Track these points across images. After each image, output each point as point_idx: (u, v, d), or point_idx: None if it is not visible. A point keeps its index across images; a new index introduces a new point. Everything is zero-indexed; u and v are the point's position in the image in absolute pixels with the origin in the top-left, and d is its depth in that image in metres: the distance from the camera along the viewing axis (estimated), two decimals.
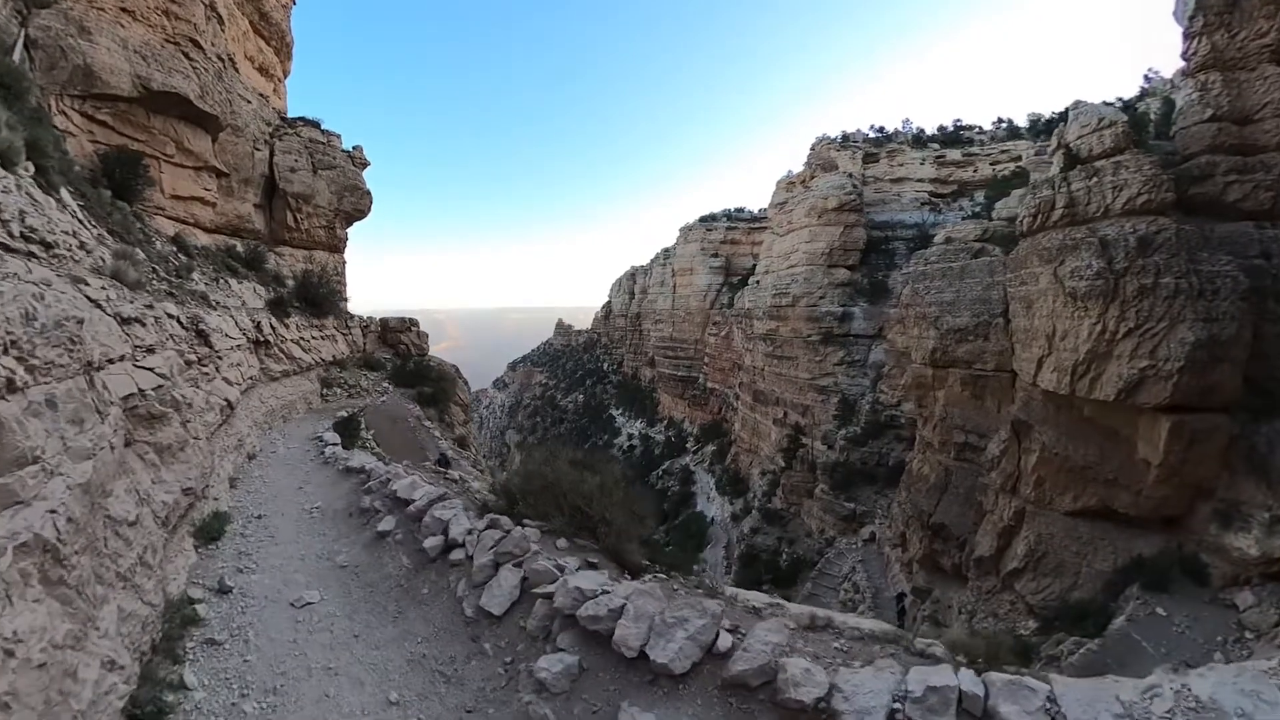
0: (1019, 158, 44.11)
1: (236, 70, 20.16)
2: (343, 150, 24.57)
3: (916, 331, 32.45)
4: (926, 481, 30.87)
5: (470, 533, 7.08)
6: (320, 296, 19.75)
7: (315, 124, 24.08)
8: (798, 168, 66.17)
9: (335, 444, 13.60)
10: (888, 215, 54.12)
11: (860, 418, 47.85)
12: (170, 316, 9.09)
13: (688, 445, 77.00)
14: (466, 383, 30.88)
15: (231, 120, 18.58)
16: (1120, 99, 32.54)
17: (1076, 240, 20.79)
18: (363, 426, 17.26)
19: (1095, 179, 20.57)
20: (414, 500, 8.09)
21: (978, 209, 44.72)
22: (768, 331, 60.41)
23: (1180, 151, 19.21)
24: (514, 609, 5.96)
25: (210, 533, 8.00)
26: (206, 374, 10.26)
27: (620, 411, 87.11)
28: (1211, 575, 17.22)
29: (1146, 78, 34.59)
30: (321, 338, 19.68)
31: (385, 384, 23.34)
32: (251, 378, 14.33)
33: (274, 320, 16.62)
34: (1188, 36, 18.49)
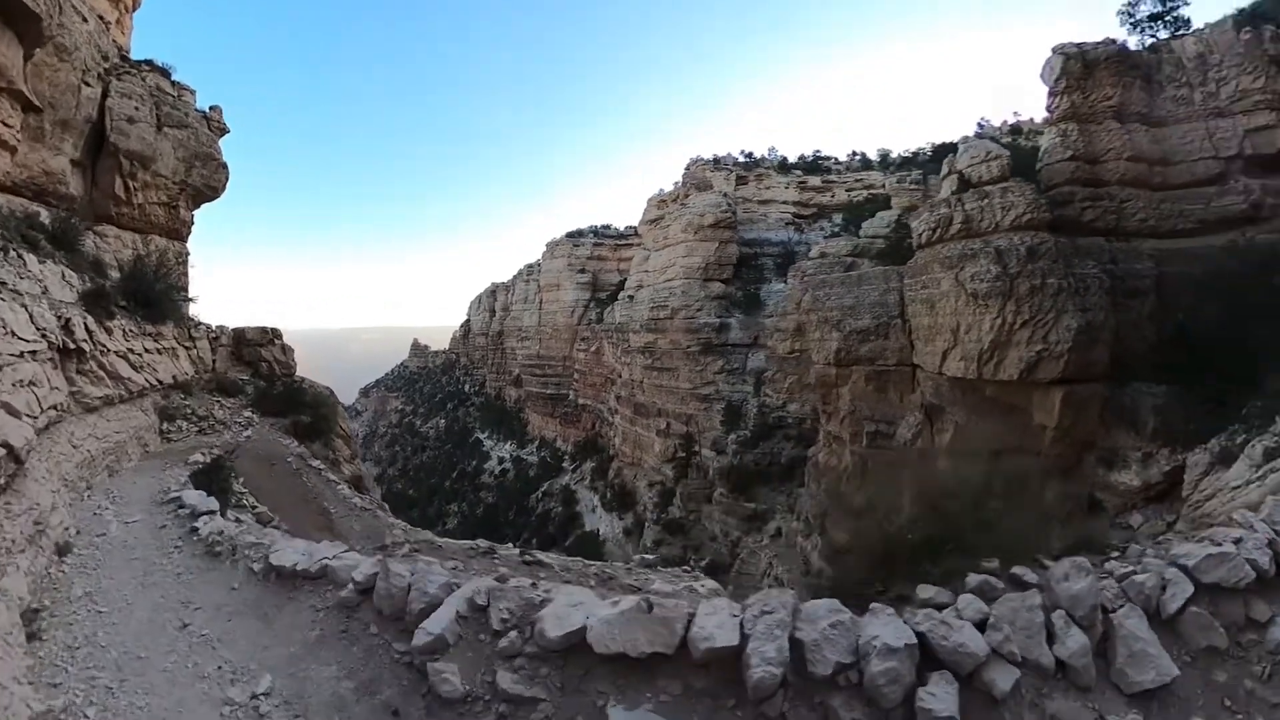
0: (871, 185, 50.60)
1: None
2: (196, 110, 17.93)
3: (819, 335, 34.37)
4: (837, 472, 32.60)
5: None
6: (157, 295, 13.58)
7: (165, 71, 17.27)
8: (664, 188, 68.22)
9: (209, 512, 8.26)
10: (755, 233, 57.93)
11: (748, 421, 49.70)
12: None
13: (564, 464, 73.52)
14: (346, 408, 24.80)
15: (58, 34, 12.05)
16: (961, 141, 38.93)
17: (975, 250, 23.50)
18: (235, 476, 11.92)
19: (986, 200, 23.51)
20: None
21: (837, 229, 49.97)
22: (646, 344, 60.47)
23: (1046, 182, 22.66)
24: None
25: None
26: None
27: (487, 434, 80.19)
28: (1107, 507, 20.17)
29: (980, 125, 42.15)
30: (158, 350, 13.48)
31: (248, 413, 17.17)
32: (57, 406, 8.72)
33: (91, 321, 10.75)
34: (1052, 94, 22.19)
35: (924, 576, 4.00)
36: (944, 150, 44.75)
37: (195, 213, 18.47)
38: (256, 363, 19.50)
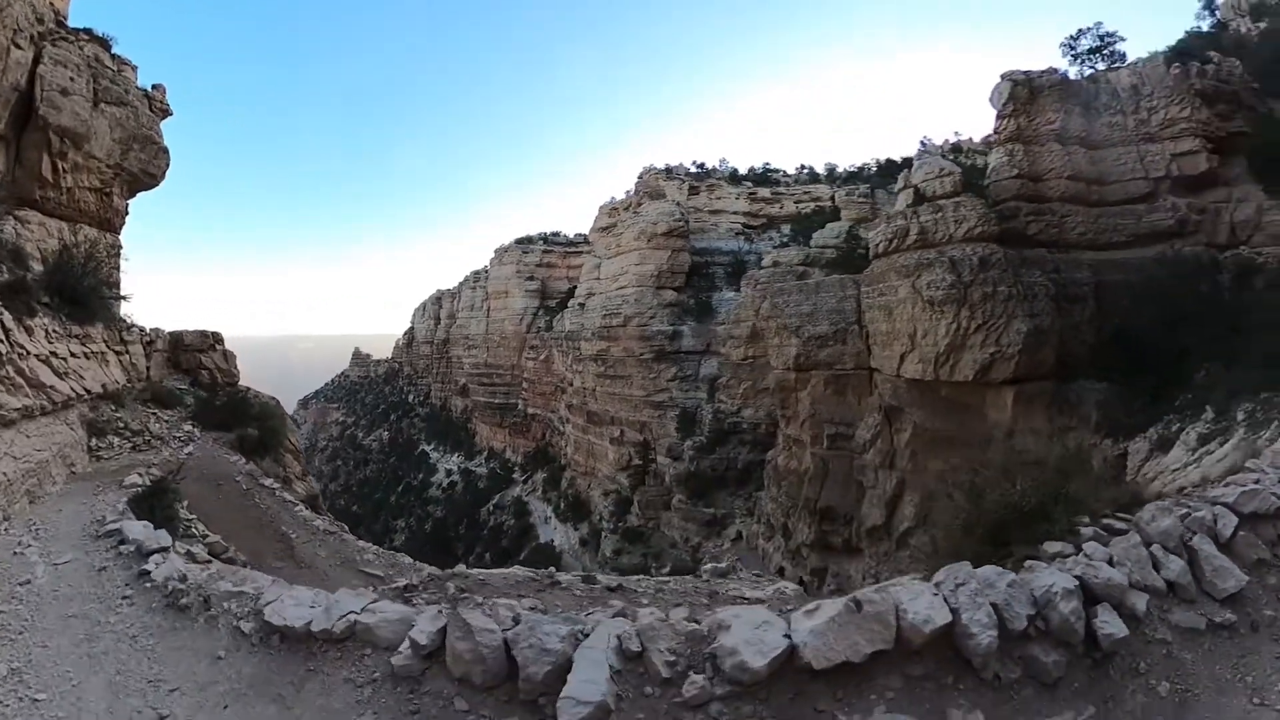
0: (819, 198, 52.24)
1: None
2: (138, 87, 15.50)
3: (778, 341, 34.70)
4: (798, 474, 32.87)
5: None
6: (85, 291, 11.59)
7: (104, 42, 14.71)
8: (615, 196, 67.75)
9: (161, 549, 6.49)
10: (706, 243, 58.37)
11: (704, 427, 49.57)
12: None
13: (514, 476, 70.77)
14: (295, 421, 22.56)
15: None
16: (904, 157, 40.89)
17: (930, 259, 24.39)
18: (179, 501, 10.11)
19: (941, 213, 24.51)
20: None
21: (785, 239, 51.20)
22: (598, 352, 59.41)
23: (994, 197, 23.88)
24: None
25: None
26: None
27: (433, 446, 75.84)
28: None
29: (922, 143, 44.50)
30: (86, 354, 11.41)
31: (188, 427, 14.97)
32: None
33: (9, 319, 8.88)
34: (1000, 117, 23.62)
35: (1042, 536, 4.36)
36: (889, 166, 46.98)
37: (130, 202, 15.92)
38: (196, 370, 17.11)
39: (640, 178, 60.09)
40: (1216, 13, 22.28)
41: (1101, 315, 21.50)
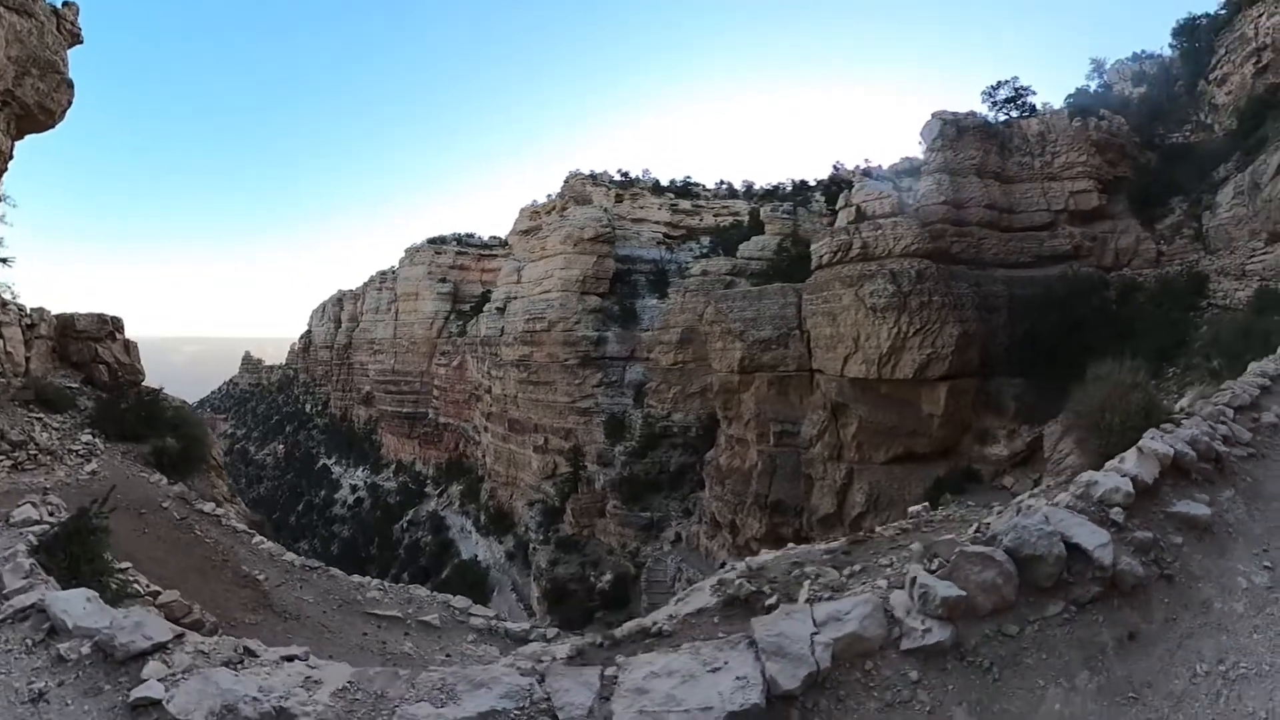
0: (737, 213, 53.89)
1: None
2: (46, 0, 10.80)
3: (721, 345, 34.87)
4: (743, 472, 33.17)
5: None
6: None
7: None
8: (535, 200, 64.74)
9: (156, 646, 3.45)
10: (629, 250, 57.64)
11: (633, 432, 48.57)
12: None
13: (427, 489, 64.25)
14: (211, 429, 18.52)
15: None
16: (820, 179, 43.47)
17: (873, 271, 25.96)
18: (105, 547, 6.91)
19: (881, 231, 26.22)
20: None
21: (705, 250, 52.19)
22: (520, 358, 56.14)
23: (922, 220, 26.02)
24: None
25: None
26: None
27: (335, 460, 66.14)
28: (984, 475, 23.69)
29: (835, 167, 47.48)
30: None
31: (87, 436, 11.04)
32: None
33: None
34: (929, 151, 25.64)
35: (1153, 425, 6.09)
36: (804, 186, 49.90)
37: (18, 143, 11.20)
38: (91, 364, 12.78)
39: (566, 182, 57.89)
40: (1104, 76, 26.61)
41: (1013, 323, 24.23)
